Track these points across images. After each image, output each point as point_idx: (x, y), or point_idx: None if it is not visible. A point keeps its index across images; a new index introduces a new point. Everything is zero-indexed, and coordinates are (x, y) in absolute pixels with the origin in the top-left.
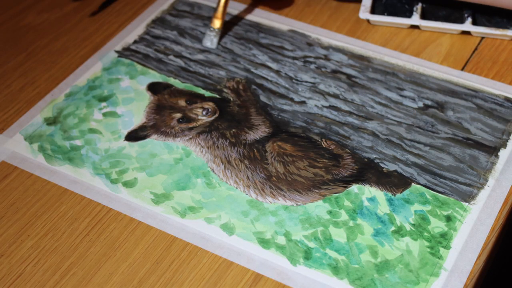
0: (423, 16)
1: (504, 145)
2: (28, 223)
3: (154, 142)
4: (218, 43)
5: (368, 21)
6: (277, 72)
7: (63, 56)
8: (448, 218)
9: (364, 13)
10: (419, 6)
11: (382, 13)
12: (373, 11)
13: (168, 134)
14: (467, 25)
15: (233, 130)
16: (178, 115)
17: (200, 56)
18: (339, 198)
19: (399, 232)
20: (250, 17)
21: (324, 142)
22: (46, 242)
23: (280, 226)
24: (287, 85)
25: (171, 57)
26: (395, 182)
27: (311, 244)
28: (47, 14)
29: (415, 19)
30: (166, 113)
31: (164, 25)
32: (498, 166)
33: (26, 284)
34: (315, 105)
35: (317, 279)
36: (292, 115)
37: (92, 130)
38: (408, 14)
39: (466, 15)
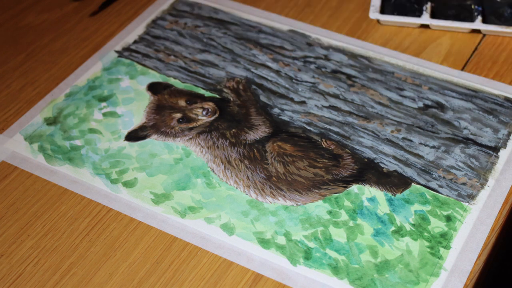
0: (433, 15)
1: (504, 145)
2: (28, 223)
3: (154, 142)
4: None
5: (378, 21)
6: (277, 72)
7: (63, 56)
8: (448, 218)
9: (374, 13)
10: (428, 5)
11: (391, 13)
12: (382, 11)
13: (168, 134)
14: (478, 23)
15: (233, 130)
16: (178, 115)
17: (200, 56)
18: (339, 198)
19: (399, 232)
20: (250, 17)
21: (324, 142)
22: (46, 242)
23: (280, 226)
24: (287, 85)
25: (171, 57)
26: (395, 182)
27: (311, 244)
28: (47, 14)
29: (425, 18)
30: (166, 113)
31: (164, 25)
32: (498, 166)
33: (26, 284)
34: (315, 105)
35: (317, 279)
36: (292, 115)
37: (92, 130)
38: (418, 14)
39: (476, 13)
